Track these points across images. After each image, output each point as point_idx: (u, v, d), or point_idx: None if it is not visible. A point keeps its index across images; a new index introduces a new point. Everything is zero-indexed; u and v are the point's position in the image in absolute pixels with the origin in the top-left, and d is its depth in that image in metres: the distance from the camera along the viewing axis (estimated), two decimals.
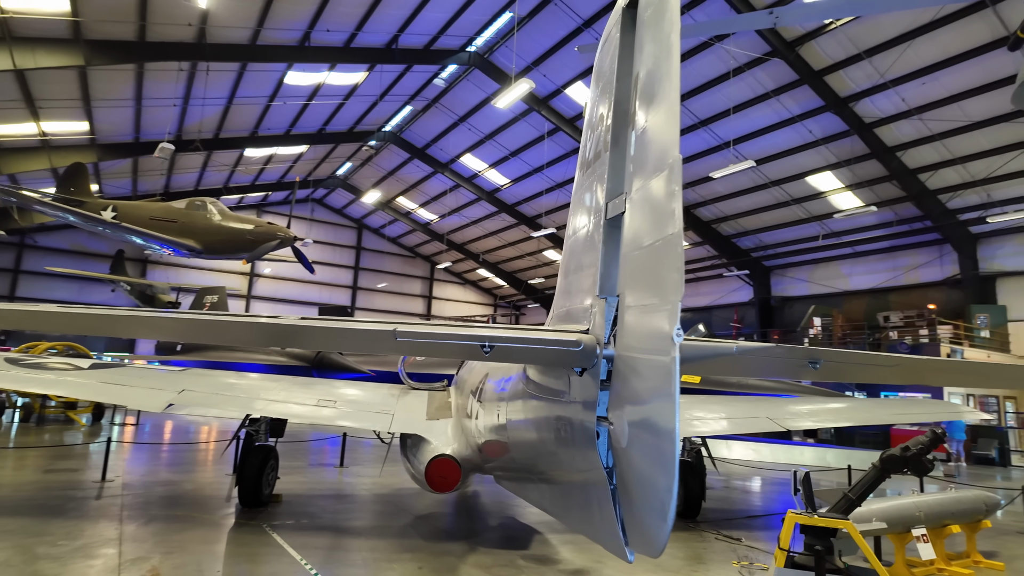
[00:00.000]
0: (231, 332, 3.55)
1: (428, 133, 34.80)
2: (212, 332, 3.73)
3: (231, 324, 3.09)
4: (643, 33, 2.78)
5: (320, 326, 3.03)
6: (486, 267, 49.97)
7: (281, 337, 3.48)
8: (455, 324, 3.39)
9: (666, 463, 2.01)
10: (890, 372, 4.10)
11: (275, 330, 3.08)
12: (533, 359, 2.88)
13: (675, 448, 1.97)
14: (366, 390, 10.01)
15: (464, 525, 9.33)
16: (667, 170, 2.24)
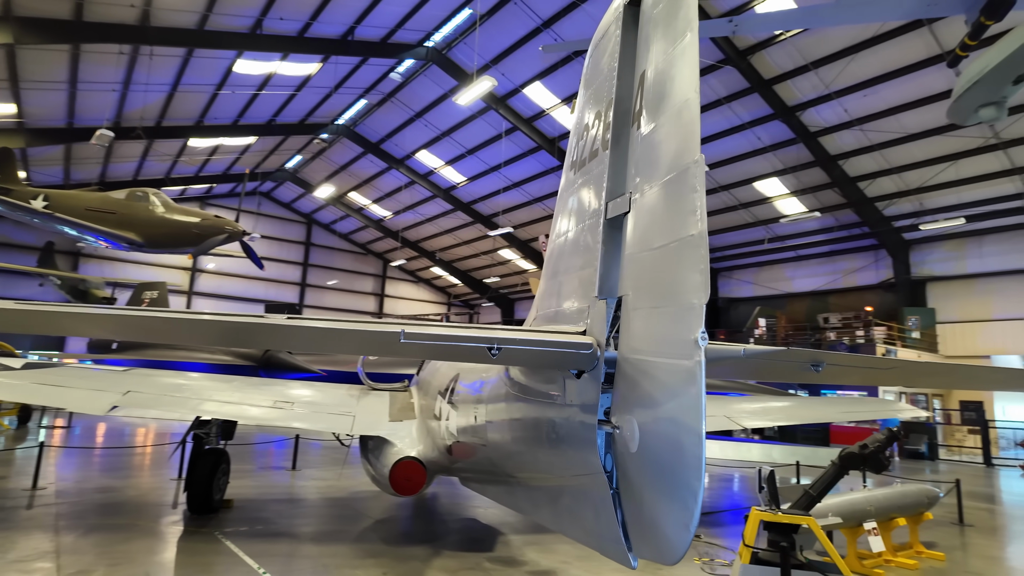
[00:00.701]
0: (212, 331, 3.32)
1: (383, 128, 34.19)
2: (187, 331, 3.49)
3: (213, 324, 2.88)
4: (650, 31, 2.74)
5: (320, 327, 2.86)
6: (441, 265, 49.55)
7: (272, 337, 3.26)
8: (460, 326, 3.27)
9: (690, 468, 1.97)
10: (886, 374, 4.21)
11: (263, 330, 2.89)
12: (541, 361, 2.80)
13: (702, 453, 1.93)
14: (324, 391, 9.69)
15: (425, 528, 9.17)
16: (686, 170, 2.20)
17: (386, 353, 3.60)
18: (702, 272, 2.04)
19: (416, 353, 3.35)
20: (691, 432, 1.97)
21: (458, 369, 6.73)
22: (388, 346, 3.34)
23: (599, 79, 3.35)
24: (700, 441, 1.93)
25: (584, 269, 3.19)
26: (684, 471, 2.01)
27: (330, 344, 3.98)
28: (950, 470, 20.24)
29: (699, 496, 1.93)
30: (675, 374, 2.09)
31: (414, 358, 10.98)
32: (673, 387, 2.10)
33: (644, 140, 2.65)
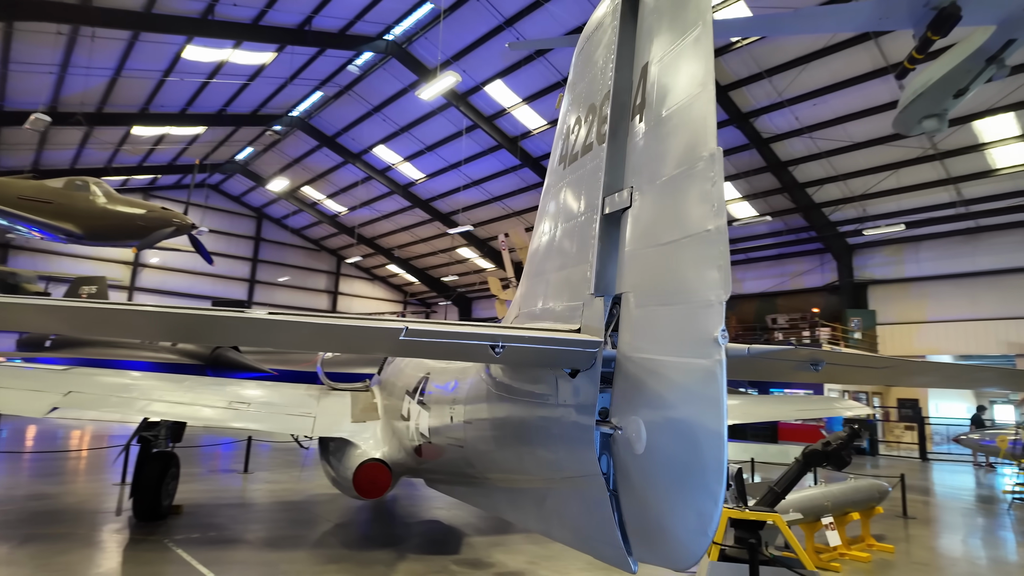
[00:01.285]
0: (185, 326, 3.06)
1: (339, 121, 33.41)
2: (156, 325, 3.19)
3: (187, 318, 2.65)
4: (654, 23, 2.68)
5: (314, 323, 2.66)
6: (397, 263, 48.83)
7: (254, 334, 3.04)
8: (462, 323, 3.15)
9: (709, 470, 1.91)
10: (879, 373, 4.29)
11: (244, 326, 2.68)
12: (541, 360, 2.69)
13: (723, 455, 1.88)
14: (281, 391, 9.34)
15: (387, 531, 8.95)
16: (700, 163, 2.14)
17: (382, 351, 3.45)
18: (721, 268, 1.99)
19: (412, 351, 3.19)
20: (710, 433, 1.91)
21: (427, 368, 6.57)
22: (386, 344, 3.18)
23: (592, 72, 3.27)
24: (721, 443, 1.87)
25: (577, 266, 3.11)
26: (702, 474, 1.95)
27: (322, 342, 3.76)
28: (890, 465, 21.21)
29: (719, 500, 1.88)
30: (691, 373, 2.03)
31: (378, 356, 10.71)
32: (689, 387, 2.04)
33: (648, 134, 2.58)
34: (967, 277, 27.26)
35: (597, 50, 3.25)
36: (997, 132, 22.22)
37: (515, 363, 2.77)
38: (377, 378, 10.48)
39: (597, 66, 3.21)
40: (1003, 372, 7.93)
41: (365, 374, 24.57)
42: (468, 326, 2.54)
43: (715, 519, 1.90)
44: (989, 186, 24.74)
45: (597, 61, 3.23)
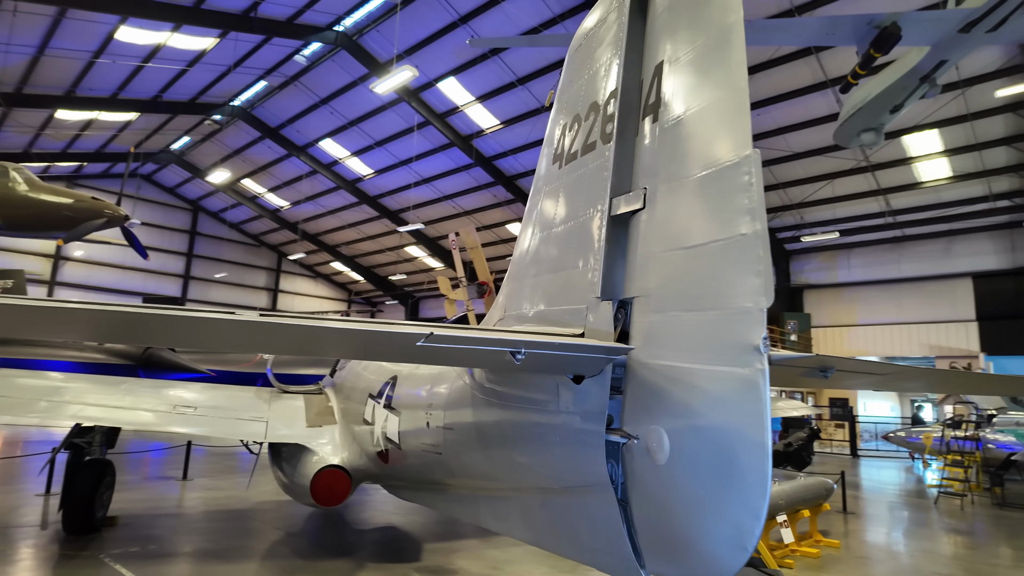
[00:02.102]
0: (157, 328, 2.76)
1: (284, 112, 32.26)
2: (144, 327, 2.82)
3: (161, 318, 2.36)
4: (671, 20, 2.61)
5: (318, 328, 2.41)
6: (342, 260, 47.64)
7: (250, 338, 2.76)
8: (483, 328, 2.97)
9: (750, 484, 1.84)
10: (879, 379, 4.37)
11: (243, 328, 2.43)
12: (559, 366, 2.57)
13: (766, 468, 1.81)
14: (228, 393, 8.85)
15: (342, 539, 8.62)
16: (734, 165, 2.08)
17: (394, 359, 3.22)
18: (760, 274, 1.92)
19: (426, 358, 3.00)
20: (752, 444, 1.85)
21: (394, 371, 6.34)
22: (400, 351, 2.96)
23: (593, 70, 3.18)
24: (764, 454, 1.81)
25: (577, 268, 3.01)
26: (741, 486, 1.88)
27: (323, 348, 3.44)
28: (823, 462, 22.22)
29: (762, 514, 1.81)
30: (726, 382, 1.96)
31: (331, 358, 10.31)
32: (724, 396, 1.97)
33: (665, 134, 2.51)
34: (893, 283, 28.95)
35: (599, 48, 3.15)
36: (923, 147, 23.65)
37: (534, 370, 2.63)
38: (330, 380, 10.10)
39: (599, 64, 3.12)
40: (993, 379, 8.41)
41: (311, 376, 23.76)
42: (487, 331, 2.39)
43: (756, 533, 1.84)
44: (914, 198, 26.34)
45: (599, 59, 3.14)
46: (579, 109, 3.29)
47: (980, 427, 15.65)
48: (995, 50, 18.92)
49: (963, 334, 26.95)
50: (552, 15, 22.15)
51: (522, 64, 24.82)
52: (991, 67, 19.57)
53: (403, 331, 2.22)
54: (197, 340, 4.37)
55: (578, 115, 3.30)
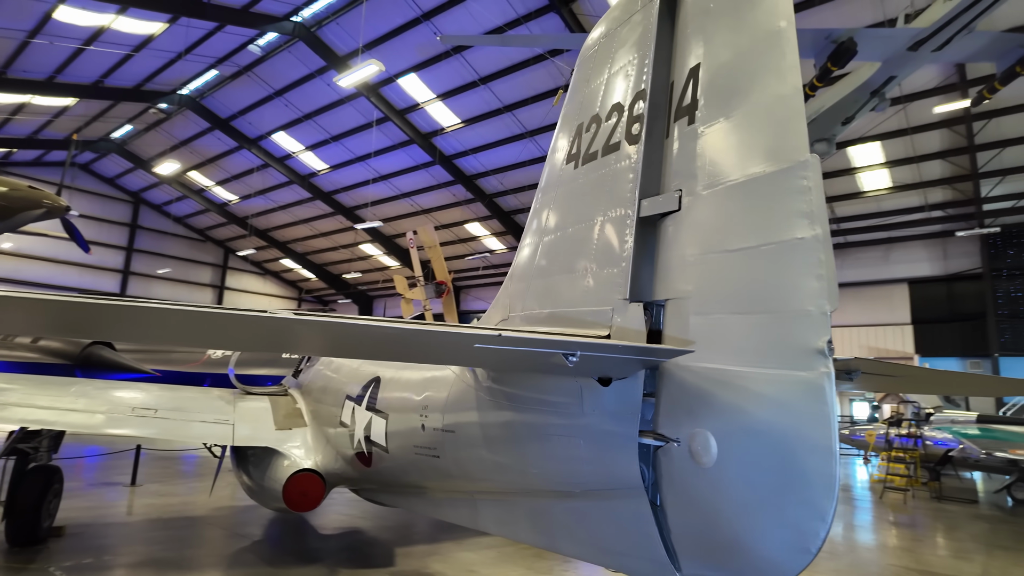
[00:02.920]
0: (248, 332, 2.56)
1: (235, 103, 31.16)
2: (222, 331, 2.56)
3: (193, 315, 2.20)
4: (707, 22, 2.61)
5: (362, 326, 2.26)
6: (293, 257, 46.36)
7: (273, 338, 2.58)
8: (532, 330, 2.89)
9: (816, 487, 1.85)
10: (900, 382, 4.49)
11: (264, 326, 2.27)
12: (617, 370, 2.52)
13: (833, 471, 1.82)
14: (188, 395, 8.44)
15: (311, 545, 8.36)
16: (788, 169, 2.09)
17: (433, 360, 3.07)
18: (820, 278, 1.94)
19: (475, 360, 2.90)
20: (817, 448, 1.86)
21: (374, 372, 6.19)
22: (452, 354, 2.85)
23: (615, 71, 3.16)
24: (831, 457, 1.82)
25: (600, 269, 2.98)
26: (805, 490, 1.89)
27: (367, 349, 3.22)
28: None
29: (828, 517, 1.82)
30: (787, 386, 1.97)
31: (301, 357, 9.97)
32: (785, 400, 1.97)
33: (706, 136, 2.51)
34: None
35: (621, 49, 3.14)
36: (865, 159, 24.83)
37: (586, 374, 2.58)
38: (295, 381, 9.80)
39: (622, 65, 3.10)
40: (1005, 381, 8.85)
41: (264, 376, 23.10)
42: (542, 333, 2.34)
43: (822, 536, 1.85)
44: (857, 207, 27.62)
45: (622, 60, 3.12)
46: (598, 109, 3.27)
47: (919, 425, 16.54)
48: (934, 69, 20.06)
49: (899, 337, 28.44)
50: (516, 15, 22.16)
51: (485, 64, 24.75)
52: (930, 84, 20.71)
53: (464, 332, 2.13)
54: (226, 340, 4.09)
55: (597, 115, 3.28)
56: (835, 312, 1.83)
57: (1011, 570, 8.53)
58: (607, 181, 3.07)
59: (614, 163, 3.04)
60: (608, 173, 3.08)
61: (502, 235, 35.99)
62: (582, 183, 3.29)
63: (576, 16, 21.47)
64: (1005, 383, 9.81)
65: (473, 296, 42.49)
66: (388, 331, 2.39)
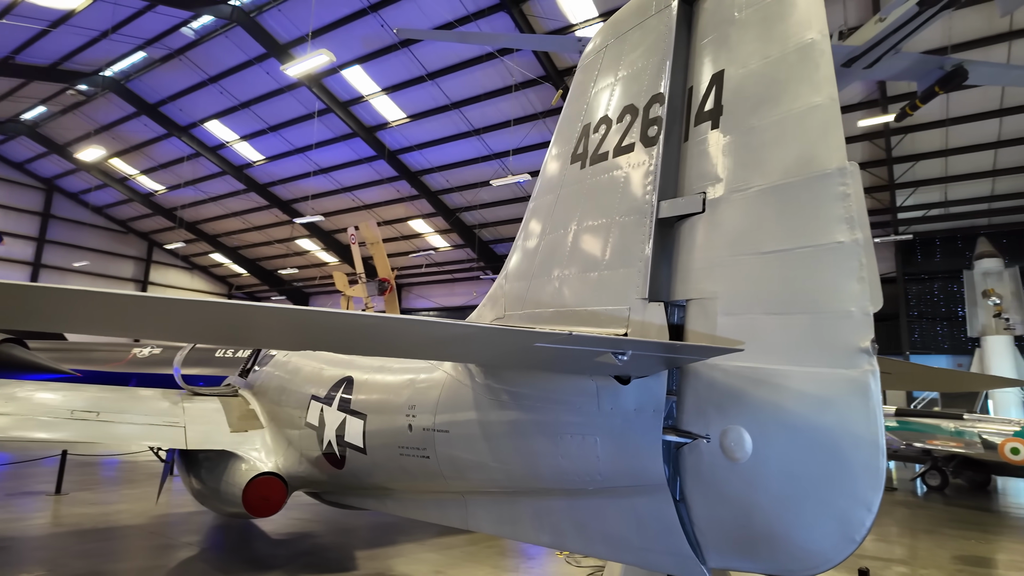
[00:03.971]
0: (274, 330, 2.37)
1: (165, 88, 29.50)
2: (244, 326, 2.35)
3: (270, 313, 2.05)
4: (731, 30, 2.68)
5: (445, 326, 2.18)
6: (223, 252, 44.34)
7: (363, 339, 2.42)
8: (580, 329, 2.83)
9: (861, 479, 1.94)
10: (894, 379, 4.70)
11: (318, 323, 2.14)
12: (642, 368, 2.53)
13: (881, 464, 1.92)
14: (133, 396, 7.96)
15: (267, 551, 8.04)
16: (824, 175, 2.17)
17: (483, 361, 2.94)
18: (862, 280, 2.03)
19: (524, 361, 2.84)
20: (863, 442, 1.95)
21: (345, 372, 6.03)
22: (508, 356, 2.76)
23: (626, 73, 3.21)
24: (878, 451, 1.92)
25: (612, 269, 3.02)
26: (851, 483, 1.98)
27: (463, 351, 3.00)
28: None
29: (875, 508, 1.92)
30: (830, 384, 2.06)
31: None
32: (828, 397, 2.06)
33: (732, 140, 2.58)
34: None
35: (634, 52, 3.19)
36: None
37: (630, 373, 2.59)
38: (243, 381, 9.41)
39: (636, 68, 3.15)
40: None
41: (194, 376, 22.00)
42: (593, 329, 2.34)
43: (867, 526, 1.95)
44: None
45: (634, 63, 3.17)
46: (608, 111, 3.31)
47: None
48: (858, 85, 21.41)
49: None
50: (467, 12, 22.05)
51: (434, 59, 24.49)
52: (855, 99, 22.07)
53: (522, 332, 2.11)
54: (271, 340, 3.76)
55: (606, 117, 3.32)
56: None
57: (936, 551, 9.24)
58: (620, 182, 3.11)
59: (627, 164, 3.09)
60: (621, 174, 3.12)
61: (446, 233, 35.76)
62: (591, 183, 3.32)
63: (526, 17, 21.57)
64: (980, 379, 10.56)
65: (416, 294, 42.01)
66: (449, 330, 2.34)
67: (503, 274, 4.11)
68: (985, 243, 23.50)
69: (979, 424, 14.14)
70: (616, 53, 3.35)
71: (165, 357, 24.89)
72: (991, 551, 9.54)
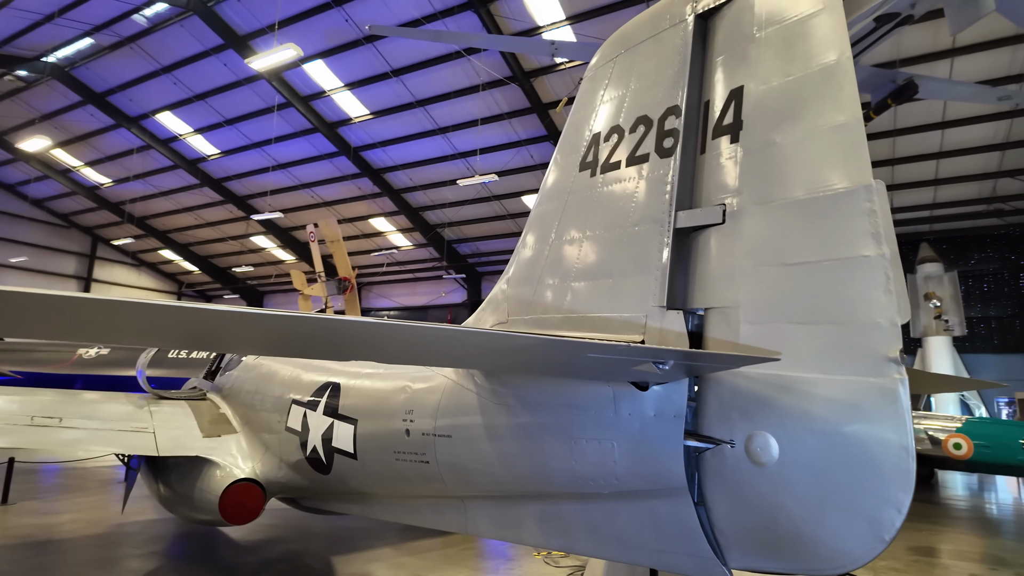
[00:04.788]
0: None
1: (114, 77, 28.24)
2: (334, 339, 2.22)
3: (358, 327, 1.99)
4: (750, 48, 2.76)
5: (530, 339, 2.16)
6: (173, 248, 42.76)
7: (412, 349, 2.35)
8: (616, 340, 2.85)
9: (892, 481, 2.03)
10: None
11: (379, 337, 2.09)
12: (665, 375, 2.57)
13: (911, 466, 2.01)
14: (94, 400, 7.63)
15: (239, 558, 7.83)
16: (851, 192, 2.27)
17: (592, 376, 2.94)
18: (889, 292, 2.13)
19: (576, 371, 2.86)
20: (894, 446, 2.04)
21: (328, 377, 5.93)
22: (608, 370, 2.76)
23: (639, 84, 3.26)
24: (908, 455, 2.02)
25: (626, 277, 3.07)
26: (881, 485, 2.07)
27: (497, 359, 2.90)
28: None
29: (905, 509, 2.02)
30: (859, 391, 2.14)
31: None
32: (857, 403, 2.14)
33: (753, 155, 2.66)
34: None
35: (648, 63, 3.24)
36: None
37: (666, 379, 2.62)
38: (210, 384, 9.13)
39: (650, 80, 3.21)
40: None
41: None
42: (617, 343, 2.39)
43: (897, 526, 2.05)
44: None
45: (648, 74, 3.23)
46: (620, 121, 3.36)
47: None
48: None
49: None
50: (433, 10, 21.89)
51: (399, 56, 24.21)
52: None
53: (578, 343, 2.12)
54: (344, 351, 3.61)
55: (618, 127, 3.37)
56: None
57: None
58: (634, 191, 3.17)
59: (642, 174, 3.14)
60: (634, 183, 3.17)
61: (409, 232, 35.43)
62: (602, 191, 3.37)
63: (494, 17, 21.56)
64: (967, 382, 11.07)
65: (376, 293, 41.46)
66: (502, 341, 2.33)
67: (504, 279, 4.12)
68: (927, 248, 24.80)
69: (924, 421, 14.89)
70: (627, 64, 3.41)
71: (113, 358, 23.85)
72: (940, 541, 10.09)
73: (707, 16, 3.05)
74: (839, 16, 2.48)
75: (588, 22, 20.98)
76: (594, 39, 20.71)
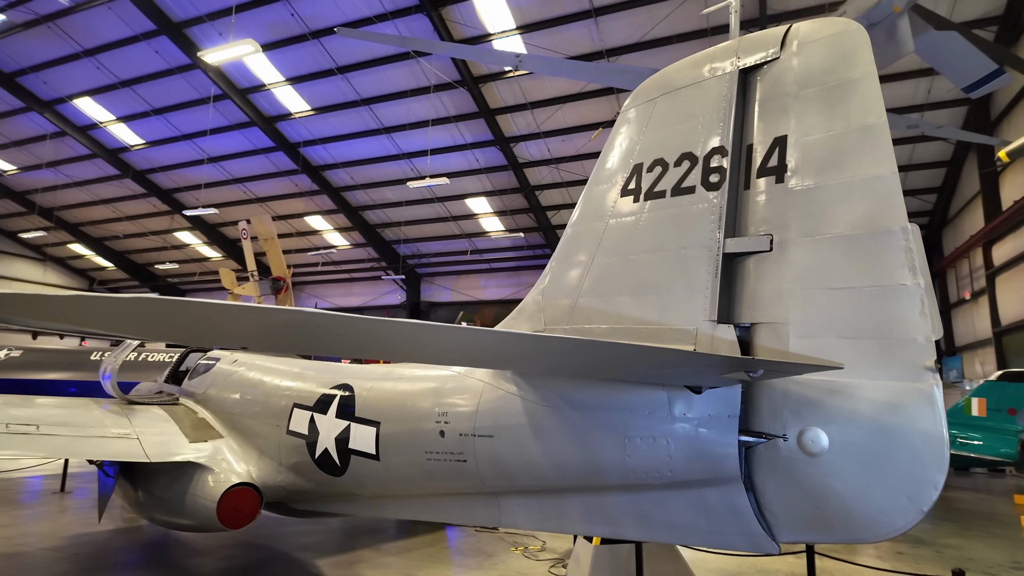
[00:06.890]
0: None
1: (26, 57, 26.19)
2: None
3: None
4: (793, 104, 3.24)
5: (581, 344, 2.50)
6: (86, 243, 39.90)
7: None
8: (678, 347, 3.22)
9: (929, 465, 2.54)
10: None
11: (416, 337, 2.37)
12: (723, 379, 3.00)
13: (946, 452, 2.54)
14: (68, 406, 7.34)
15: (225, 564, 7.71)
16: (890, 232, 2.78)
17: (642, 378, 3.27)
18: (923, 315, 2.66)
19: (647, 376, 3.21)
20: (931, 436, 2.55)
21: (340, 378, 6.06)
22: (649, 370, 3.11)
23: (685, 124, 3.69)
24: (943, 443, 2.54)
25: (674, 293, 3.51)
26: (920, 467, 2.57)
27: (617, 365, 3.26)
28: None
29: (940, 485, 2.54)
30: (900, 393, 2.65)
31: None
32: (899, 403, 2.64)
33: (797, 194, 3.15)
34: None
35: (693, 107, 3.69)
36: None
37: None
38: (181, 388, 8.93)
39: (694, 122, 3.65)
40: None
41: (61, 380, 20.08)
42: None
43: (934, 498, 2.57)
44: None
45: (693, 117, 3.67)
46: (664, 155, 3.80)
47: None
48: None
49: None
50: (384, 10, 21.81)
51: (345, 54, 23.91)
52: None
53: (677, 351, 2.52)
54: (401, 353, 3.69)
55: (662, 160, 3.80)
56: None
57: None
58: (681, 218, 3.61)
59: (689, 204, 3.59)
60: (681, 212, 3.62)
61: (347, 231, 34.83)
62: (649, 217, 3.79)
63: (445, 22, 21.73)
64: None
65: (308, 293, 40.37)
66: (600, 349, 2.70)
67: (538, 290, 4.49)
68: None
69: None
70: (670, 105, 3.85)
71: (24, 360, 22.23)
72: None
73: (748, 71, 3.54)
74: (875, 81, 3.01)
75: (538, 33, 21.56)
76: (547, 51, 21.33)
